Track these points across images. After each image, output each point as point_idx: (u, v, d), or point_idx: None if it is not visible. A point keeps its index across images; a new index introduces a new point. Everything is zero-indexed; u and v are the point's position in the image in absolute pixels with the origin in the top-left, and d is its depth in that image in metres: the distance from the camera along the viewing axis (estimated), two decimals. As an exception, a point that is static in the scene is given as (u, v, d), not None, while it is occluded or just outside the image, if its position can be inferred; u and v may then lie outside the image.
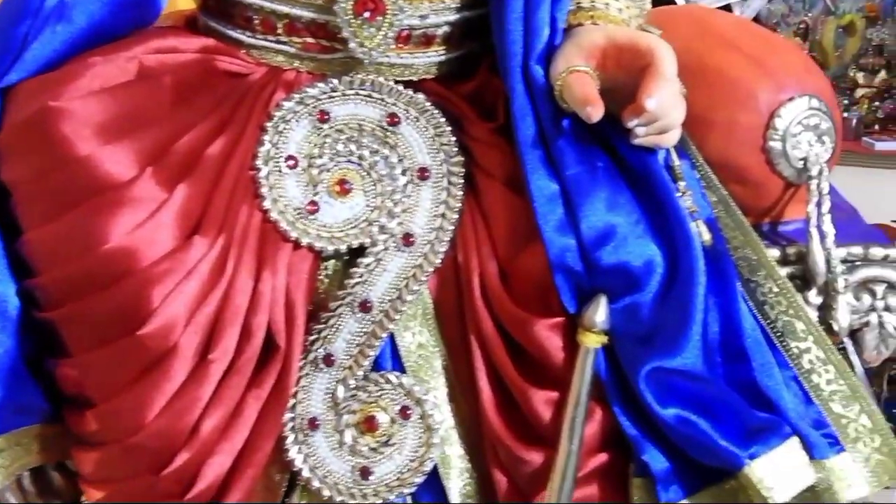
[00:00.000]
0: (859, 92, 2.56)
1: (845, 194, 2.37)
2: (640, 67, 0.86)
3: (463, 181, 0.95)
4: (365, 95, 0.96)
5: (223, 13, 1.00)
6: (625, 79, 0.88)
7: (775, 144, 0.95)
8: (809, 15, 2.74)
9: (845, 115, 2.49)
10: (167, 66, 0.95)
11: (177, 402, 0.88)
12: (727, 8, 1.29)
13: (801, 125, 0.96)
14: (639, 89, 0.84)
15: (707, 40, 0.99)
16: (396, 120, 0.96)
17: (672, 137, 0.89)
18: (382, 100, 0.96)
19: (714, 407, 0.86)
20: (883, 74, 2.56)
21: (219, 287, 0.90)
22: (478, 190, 0.95)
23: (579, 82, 0.87)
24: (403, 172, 0.95)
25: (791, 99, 0.96)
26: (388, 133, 0.96)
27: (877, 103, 2.55)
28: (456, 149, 0.95)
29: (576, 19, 0.93)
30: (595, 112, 0.84)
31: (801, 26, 2.70)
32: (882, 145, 2.37)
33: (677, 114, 0.87)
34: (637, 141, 0.88)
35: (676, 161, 0.94)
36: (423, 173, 0.95)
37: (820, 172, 0.95)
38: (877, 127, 2.52)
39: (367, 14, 0.92)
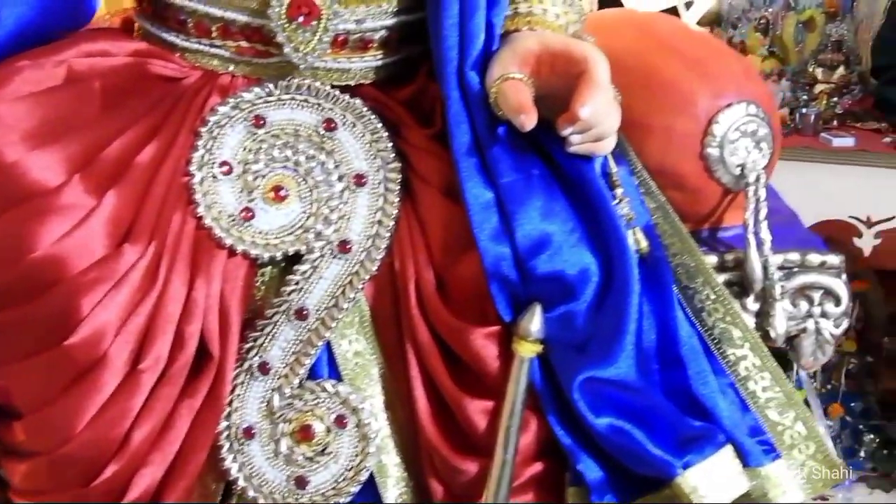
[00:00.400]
0: (818, 88, 2.57)
1: (803, 190, 2.39)
2: (575, 75, 0.86)
3: (400, 188, 0.94)
4: (301, 100, 0.95)
5: (158, 16, 0.98)
6: (560, 86, 0.87)
7: (713, 151, 0.95)
8: (770, 10, 2.74)
9: (804, 110, 2.50)
10: (98, 70, 0.93)
11: (106, 412, 0.87)
12: (673, 10, 1.28)
13: (739, 131, 0.96)
14: (573, 97, 0.84)
15: (647, 45, 0.99)
16: (333, 125, 0.95)
17: (607, 145, 0.89)
18: (319, 105, 0.95)
19: (647, 416, 0.86)
20: (841, 70, 2.57)
21: (150, 295, 0.89)
22: (415, 197, 0.94)
23: (513, 90, 0.86)
24: (340, 178, 0.94)
25: (729, 105, 0.96)
26: (325, 139, 0.95)
27: (835, 99, 2.55)
28: (393, 155, 0.95)
29: (513, 24, 0.93)
30: (528, 120, 0.84)
31: (762, 21, 2.70)
32: (839, 141, 2.37)
33: (612, 121, 0.87)
34: (572, 149, 0.87)
35: (614, 168, 0.93)
36: (360, 179, 0.94)
37: (757, 179, 0.95)
38: (835, 122, 2.53)
39: (301, 19, 0.91)
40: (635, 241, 0.92)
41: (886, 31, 2.55)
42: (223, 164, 0.93)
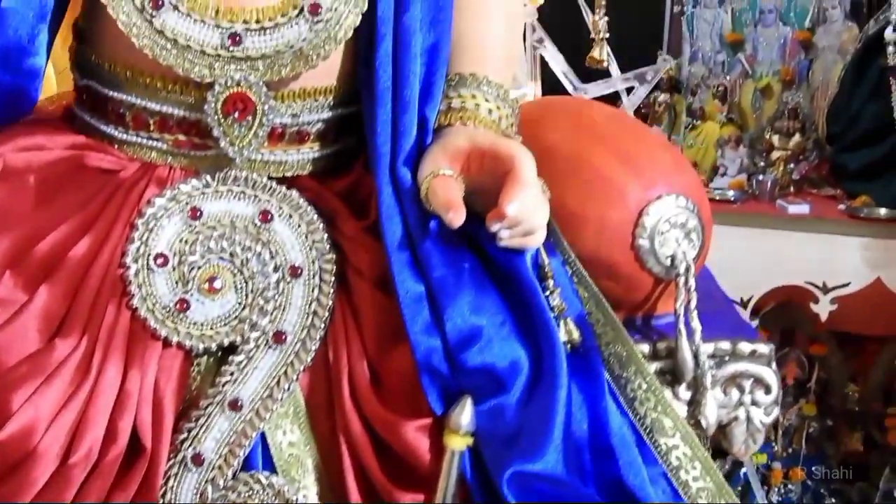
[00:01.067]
0: (775, 154, 2.61)
1: (760, 256, 2.41)
2: (503, 172, 0.88)
3: (334, 279, 0.95)
4: (238, 192, 0.96)
5: (96, 108, 1.00)
6: (489, 182, 0.89)
7: (644, 242, 0.97)
8: (728, 78, 2.80)
9: (761, 177, 2.54)
10: (33, 165, 0.94)
11: (37, 507, 0.87)
12: (615, 95, 1.32)
13: (669, 223, 0.98)
14: (500, 195, 0.86)
15: (581, 136, 1.01)
16: (269, 217, 0.96)
17: (537, 239, 0.90)
18: (256, 196, 0.96)
19: (575, 510, 0.86)
20: (798, 137, 2.62)
21: (83, 389, 0.89)
22: (349, 288, 0.95)
23: (443, 187, 0.88)
24: (275, 269, 0.95)
25: (659, 197, 0.98)
26: (261, 230, 0.96)
27: (792, 165, 2.60)
28: (328, 246, 0.96)
29: (446, 119, 0.95)
30: (457, 218, 0.85)
31: (720, 88, 2.76)
32: (795, 209, 2.41)
33: (540, 216, 0.89)
34: (502, 243, 0.89)
35: (545, 259, 0.95)
36: (295, 271, 0.95)
37: (687, 270, 0.97)
38: (792, 189, 2.57)
39: (236, 114, 0.93)
40: (567, 331, 0.93)
41: (840, 100, 2.60)
42: (159, 256, 0.94)
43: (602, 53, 1.10)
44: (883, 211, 2.40)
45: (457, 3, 0.98)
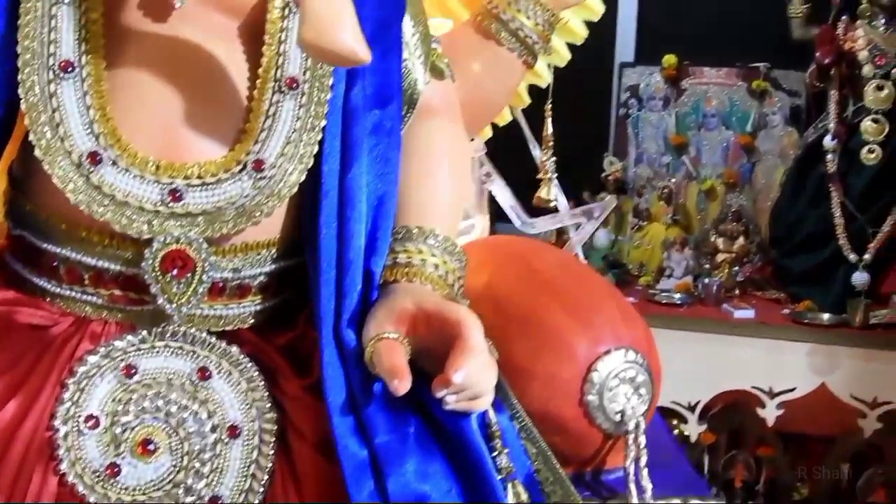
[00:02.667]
0: (720, 257, 2.64)
1: (707, 361, 2.41)
2: (450, 336, 0.86)
3: (275, 440, 0.92)
4: (176, 348, 0.93)
5: (28, 259, 0.96)
6: (436, 344, 0.87)
7: (592, 398, 0.96)
8: (673, 180, 2.84)
9: (706, 280, 2.56)
10: None
11: None
12: (561, 230, 1.32)
13: (618, 378, 0.97)
14: (447, 362, 0.84)
15: (529, 287, 1.00)
16: (208, 374, 0.93)
17: (484, 402, 0.88)
18: (194, 352, 0.93)
19: None
20: (741, 240, 2.65)
21: (3, 563, 0.84)
22: (290, 449, 0.92)
23: (388, 351, 0.86)
24: (213, 429, 0.92)
25: (607, 352, 0.97)
26: (199, 387, 0.92)
27: (736, 268, 2.63)
28: (269, 405, 0.93)
29: (392, 275, 0.93)
30: (401, 386, 0.83)
31: (665, 190, 2.80)
32: (740, 314, 2.43)
33: (487, 381, 0.87)
34: (448, 407, 0.86)
35: (493, 418, 0.93)
36: (234, 431, 0.92)
37: (637, 426, 0.96)
38: (737, 291, 2.60)
39: (175, 271, 0.90)
40: (514, 493, 0.91)
41: (782, 203, 2.65)
42: (90, 417, 0.90)
43: (549, 193, 1.10)
44: (826, 316, 2.43)
45: (403, 155, 0.98)
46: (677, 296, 2.56)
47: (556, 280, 1.02)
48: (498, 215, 1.41)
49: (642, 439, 0.95)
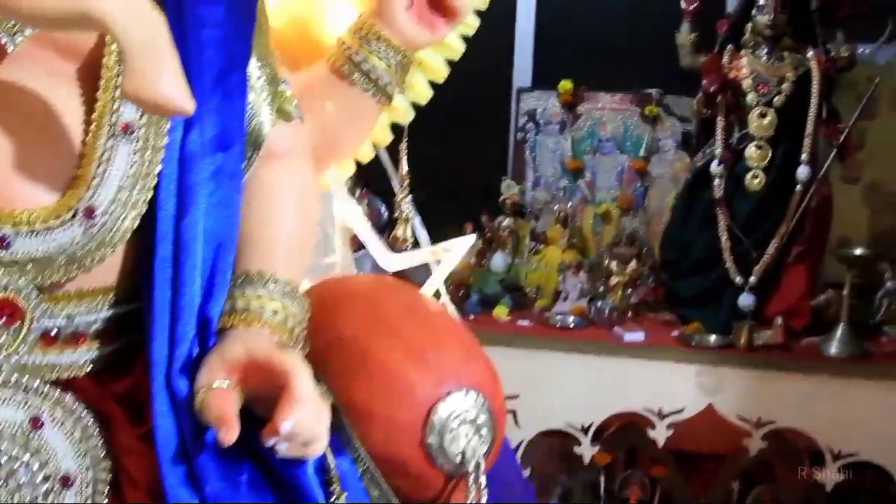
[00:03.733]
0: (614, 280, 2.69)
1: (598, 383, 2.45)
2: (278, 386, 0.86)
3: (109, 488, 0.91)
4: (7, 397, 0.91)
5: None
6: (268, 390, 0.87)
7: (433, 440, 0.96)
8: (569, 204, 2.89)
9: (599, 304, 2.61)
10: None
11: None
12: (425, 267, 1.33)
13: (459, 420, 0.97)
14: (275, 411, 0.84)
15: (374, 328, 1.01)
16: (40, 423, 0.91)
17: (317, 449, 0.88)
18: (26, 401, 0.91)
19: None
20: (634, 264, 2.71)
21: None
22: (124, 499, 0.91)
23: (217, 400, 0.86)
24: (45, 479, 0.90)
25: (449, 393, 0.97)
26: (31, 437, 0.90)
27: (629, 291, 2.68)
28: (102, 454, 0.91)
29: (229, 321, 0.93)
30: (228, 436, 0.83)
31: (562, 214, 2.84)
32: (630, 336, 2.48)
33: (319, 428, 0.87)
34: (281, 455, 0.86)
35: (331, 462, 0.93)
36: (66, 481, 0.90)
37: (477, 467, 0.97)
38: (629, 314, 2.65)
39: (3, 320, 0.88)
40: (353, 539, 0.91)
41: (672, 228, 2.72)
42: (-90, 473, 0.87)
43: (406, 233, 1.11)
44: (713, 338, 2.49)
45: (245, 196, 0.97)
46: (571, 319, 2.60)
47: (400, 322, 1.02)
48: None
49: (483, 480, 0.96)
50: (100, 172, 0.89)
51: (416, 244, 1.19)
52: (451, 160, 3.03)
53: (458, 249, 1.21)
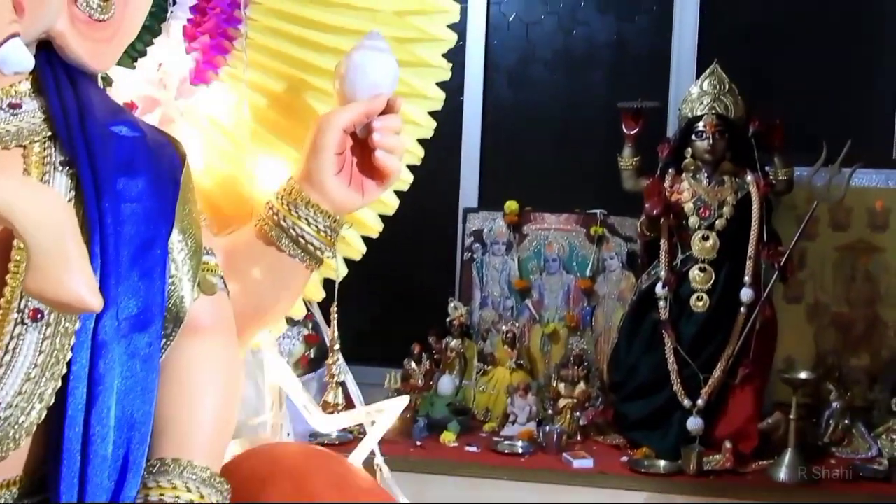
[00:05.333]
0: (562, 402, 2.67)
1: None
2: None
3: None
4: None
5: None
6: None
7: None
8: (517, 324, 2.88)
9: (547, 428, 2.57)
10: None
11: None
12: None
13: None
14: None
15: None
16: None
17: None
18: None
19: None
20: (582, 385, 2.69)
21: None
22: None
23: None
24: None
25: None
26: None
27: (578, 413, 2.66)
28: None
29: None
30: None
31: (510, 335, 2.82)
32: (579, 463, 2.45)
33: None
34: None
35: None
36: None
37: None
38: (578, 437, 2.62)
39: None
40: None
41: (618, 350, 2.71)
42: None
43: (336, 398, 1.08)
44: (662, 464, 2.46)
45: (162, 376, 0.94)
46: (519, 444, 2.56)
47: (329, 499, 0.98)
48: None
49: None
50: (5, 362, 0.85)
51: (348, 404, 1.16)
52: (398, 280, 3.02)
53: (391, 411, 1.18)
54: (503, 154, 3.07)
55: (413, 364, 2.78)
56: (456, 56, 1.28)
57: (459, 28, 1.26)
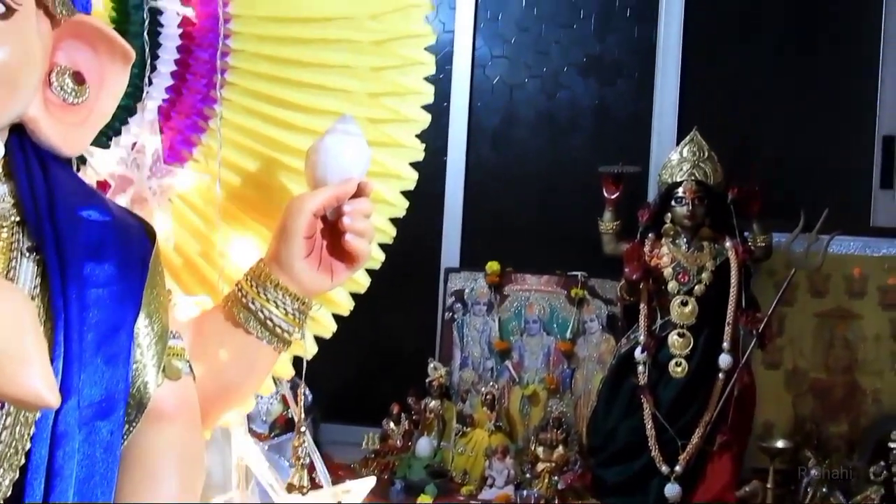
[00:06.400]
0: (540, 466, 2.65)
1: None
2: None
3: None
4: None
5: None
6: None
7: None
8: (496, 385, 2.87)
9: (524, 493, 2.56)
10: None
11: None
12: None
13: None
14: None
15: None
16: None
17: None
18: None
19: None
20: (561, 449, 2.68)
21: None
22: None
23: None
24: None
25: None
26: None
27: (556, 477, 2.64)
28: None
29: None
30: None
31: (489, 396, 2.82)
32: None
33: None
34: None
35: None
36: None
37: None
38: (556, 502, 2.60)
39: None
40: None
41: (597, 414, 2.71)
42: None
43: (302, 480, 1.08)
44: (641, 532, 2.46)
45: (123, 464, 0.93)
46: (496, 509, 2.55)
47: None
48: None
49: None
50: None
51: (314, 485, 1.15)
52: (379, 338, 3.02)
53: (357, 492, 1.18)
54: (485, 214, 3.09)
55: (392, 424, 2.77)
56: (440, 117, 1.30)
57: (443, 90, 1.27)
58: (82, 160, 1.16)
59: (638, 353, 2.60)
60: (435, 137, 1.26)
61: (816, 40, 2.98)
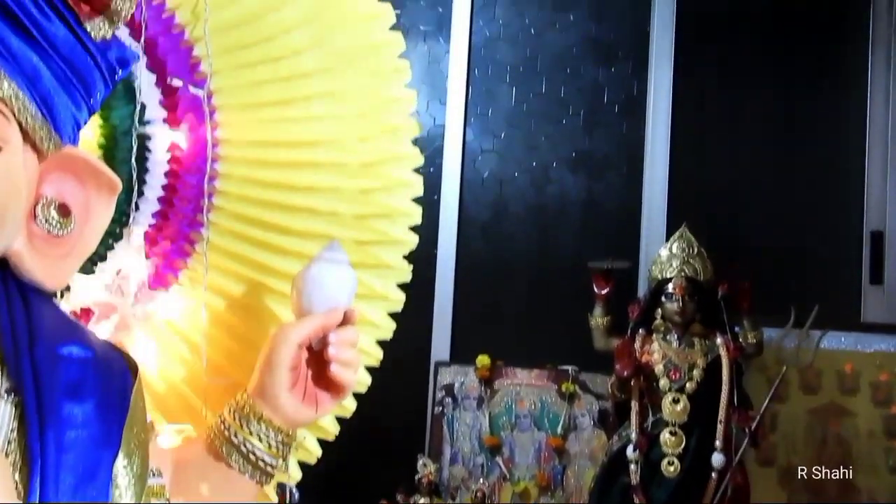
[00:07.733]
0: (533, 568, 2.61)
1: None
2: None
3: None
4: None
5: None
6: None
7: None
8: (486, 482, 2.83)
9: None
10: None
11: None
12: None
13: None
14: None
15: None
16: None
17: None
18: None
19: None
20: (553, 549, 2.64)
21: None
22: None
23: None
24: None
25: None
26: None
27: (549, 580, 2.60)
28: None
29: None
30: None
31: (479, 494, 2.77)
32: None
33: None
34: None
35: None
36: None
37: None
38: None
39: None
40: None
41: (591, 512, 2.66)
42: None
43: None
44: None
45: None
46: None
47: None
48: None
49: None
50: None
51: None
52: (367, 433, 2.97)
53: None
54: (476, 308, 3.07)
55: (380, 523, 2.72)
56: (430, 209, 1.29)
57: (434, 183, 1.27)
58: (66, 287, 1.16)
59: (630, 452, 2.56)
60: (425, 230, 1.26)
61: (804, 135, 3.01)
